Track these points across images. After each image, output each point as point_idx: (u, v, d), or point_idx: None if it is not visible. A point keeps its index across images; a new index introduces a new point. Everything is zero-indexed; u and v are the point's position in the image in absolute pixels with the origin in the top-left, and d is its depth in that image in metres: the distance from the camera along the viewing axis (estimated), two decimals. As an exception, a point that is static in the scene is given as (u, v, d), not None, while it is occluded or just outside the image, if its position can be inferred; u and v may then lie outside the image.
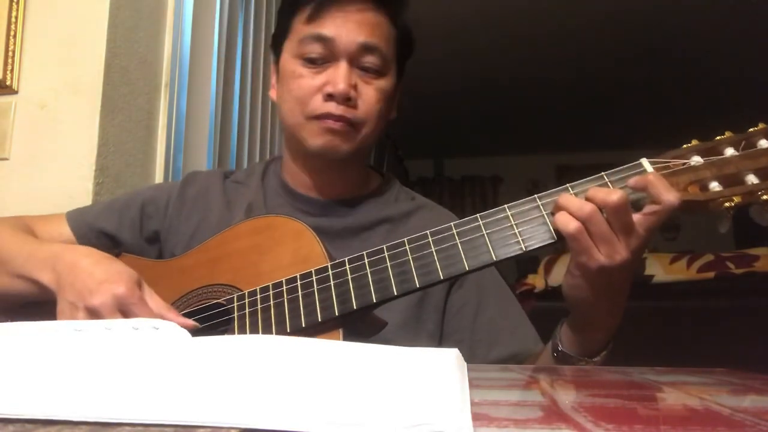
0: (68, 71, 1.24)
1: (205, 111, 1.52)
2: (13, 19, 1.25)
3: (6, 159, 1.24)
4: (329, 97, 0.77)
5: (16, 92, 1.26)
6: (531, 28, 3.38)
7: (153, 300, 0.63)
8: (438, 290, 0.80)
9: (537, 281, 2.01)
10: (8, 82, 1.24)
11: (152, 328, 0.48)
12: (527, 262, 4.79)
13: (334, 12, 0.79)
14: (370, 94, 0.79)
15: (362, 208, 0.86)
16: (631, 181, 0.58)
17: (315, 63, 0.80)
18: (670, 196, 0.56)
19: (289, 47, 0.83)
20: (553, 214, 0.59)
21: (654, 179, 0.57)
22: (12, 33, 1.25)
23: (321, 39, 0.79)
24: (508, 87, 4.18)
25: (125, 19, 1.29)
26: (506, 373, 0.53)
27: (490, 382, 0.45)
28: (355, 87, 0.78)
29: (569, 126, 4.80)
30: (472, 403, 0.29)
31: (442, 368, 0.37)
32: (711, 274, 1.84)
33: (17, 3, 1.26)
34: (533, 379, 0.48)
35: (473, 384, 0.37)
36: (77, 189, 1.19)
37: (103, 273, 0.62)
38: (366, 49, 0.79)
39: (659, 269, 1.90)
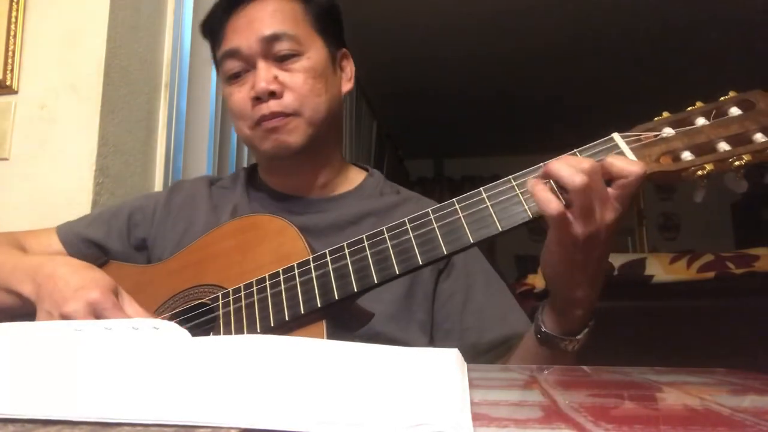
0: (68, 71, 1.24)
1: (205, 111, 1.52)
2: (13, 19, 1.26)
3: (6, 159, 1.25)
4: (256, 100, 0.79)
5: (16, 92, 1.26)
6: (531, 28, 3.38)
7: (131, 307, 0.63)
8: (427, 280, 0.80)
9: (537, 281, 2.01)
10: (8, 82, 1.24)
11: (152, 328, 0.48)
12: (527, 261, 4.80)
13: (232, 22, 0.82)
14: (294, 79, 0.79)
15: (346, 203, 0.86)
16: None
17: (239, 77, 0.82)
18: (634, 167, 0.56)
19: (220, 75, 0.86)
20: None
21: (612, 159, 0.57)
22: (12, 33, 1.25)
23: (230, 54, 0.81)
24: (508, 87, 4.18)
25: (125, 19, 1.29)
26: (506, 373, 0.53)
27: (490, 382, 0.45)
28: (276, 79, 0.79)
29: (568, 126, 4.80)
30: (472, 403, 0.29)
31: (442, 368, 0.37)
32: (711, 274, 1.84)
33: (17, 3, 1.26)
34: (533, 379, 0.48)
35: (473, 384, 0.37)
36: (77, 189, 1.19)
37: (78, 281, 0.62)
38: (270, 40, 0.79)
39: (659, 269, 1.90)
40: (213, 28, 0.85)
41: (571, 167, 0.56)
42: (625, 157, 0.58)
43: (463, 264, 0.82)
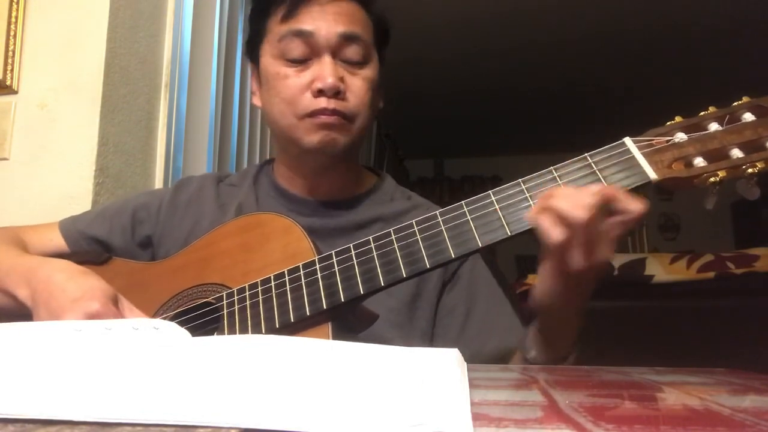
0: (68, 71, 1.24)
1: (205, 111, 1.52)
2: (13, 19, 1.26)
3: (6, 159, 1.25)
4: (319, 92, 0.76)
5: (16, 92, 1.26)
6: (532, 31, 3.38)
7: (132, 314, 0.62)
8: (431, 290, 0.80)
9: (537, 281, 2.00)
10: (8, 82, 1.25)
11: (152, 328, 0.48)
12: (527, 261, 4.80)
13: (309, 6, 0.79)
14: (358, 85, 0.79)
15: (356, 207, 0.86)
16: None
17: (298, 61, 0.79)
18: (637, 205, 0.56)
19: (268, 50, 0.82)
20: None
21: (616, 194, 0.56)
22: (12, 33, 1.25)
23: (301, 34, 0.78)
24: (508, 87, 4.18)
25: (125, 19, 1.29)
26: (506, 373, 0.53)
27: (490, 382, 0.44)
28: (342, 79, 0.78)
29: (568, 126, 4.80)
30: (472, 403, 0.29)
31: (442, 368, 0.37)
32: (711, 274, 1.84)
33: (17, 3, 1.26)
34: (533, 379, 0.48)
35: (473, 384, 0.37)
36: (77, 189, 1.20)
37: (76, 290, 0.60)
38: (347, 39, 0.78)
39: (659, 269, 1.90)
40: (283, 1, 0.81)
41: (573, 202, 0.54)
42: (628, 193, 0.57)
43: (468, 277, 0.82)
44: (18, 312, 0.69)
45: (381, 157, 4.30)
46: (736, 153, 0.57)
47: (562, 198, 0.55)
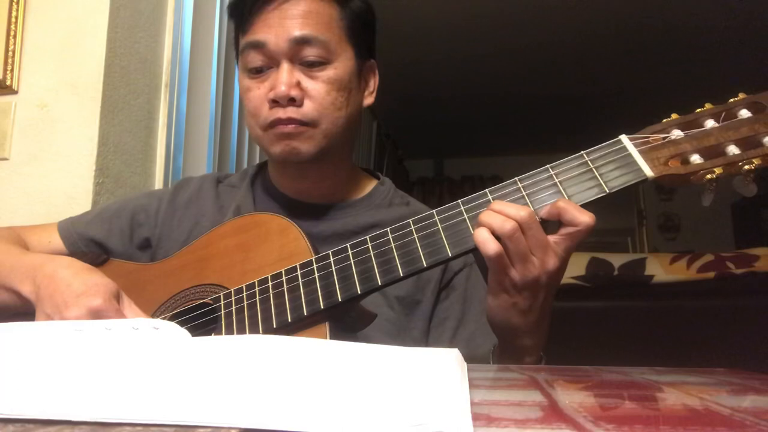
0: (68, 71, 1.24)
1: (205, 111, 1.52)
2: (13, 19, 1.26)
3: (6, 159, 1.25)
4: (274, 103, 0.76)
5: (16, 92, 1.26)
6: (531, 32, 3.38)
7: (132, 311, 0.62)
8: (429, 298, 0.80)
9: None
10: (8, 82, 1.25)
11: (152, 328, 0.48)
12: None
13: (264, 14, 0.78)
14: (317, 88, 0.76)
15: (352, 212, 0.85)
16: (543, 212, 0.59)
17: (260, 72, 0.78)
18: (585, 217, 0.57)
19: (240, 63, 0.82)
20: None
21: (565, 205, 0.57)
22: (12, 33, 1.25)
23: (256, 46, 0.77)
24: (508, 87, 4.18)
25: (125, 19, 1.29)
26: (506, 373, 0.53)
27: (490, 382, 0.44)
28: (298, 85, 0.76)
29: (568, 126, 4.80)
30: (472, 403, 0.29)
31: (442, 368, 0.37)
32: (711, 274, 1.84)
33: (17, 3, 1.26)
34: (533, 379, 0.48)
35: (473, 384, 0.37)
36: (77, 189, 1.20)
37: (80, 285, 0.61)
38: (301, 42, 0.76)
39: (659, 269, 1.90)
40: (241, 12, 0.81)
41: (501, 215, 0.57)
42: (576, 205, 0.58)
43: (463, 289, 0.82)
44: (21, 310, 0.69)
45: (381, 157, 4.30)
46: (733, 150, 0.57)
47: (493, 212, 0.58)
